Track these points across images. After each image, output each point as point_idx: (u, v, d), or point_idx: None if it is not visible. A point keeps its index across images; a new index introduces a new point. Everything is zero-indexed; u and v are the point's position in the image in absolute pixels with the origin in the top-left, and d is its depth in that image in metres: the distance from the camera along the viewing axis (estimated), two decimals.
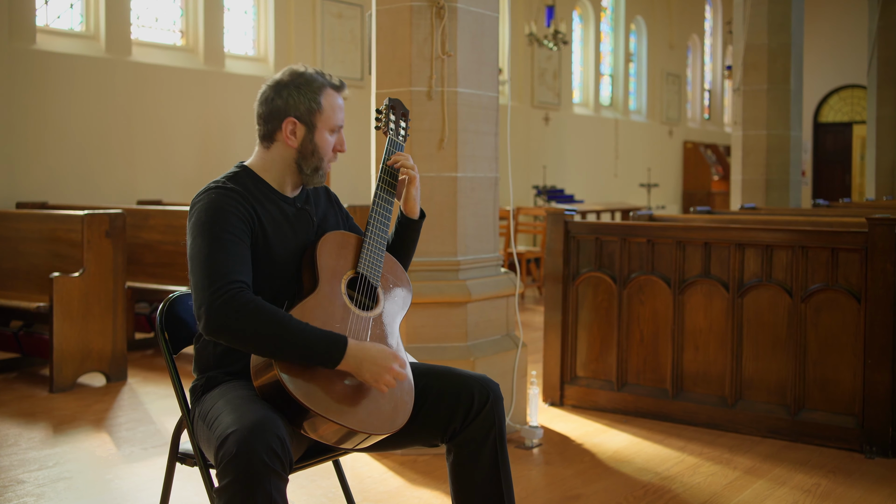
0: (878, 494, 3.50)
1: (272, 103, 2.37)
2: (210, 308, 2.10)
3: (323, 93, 2.37)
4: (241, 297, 2.10)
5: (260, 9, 10.12)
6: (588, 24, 15.80)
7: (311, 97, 2.35)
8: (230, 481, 1.94)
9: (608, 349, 4.67)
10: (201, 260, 2.16)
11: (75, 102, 8.08)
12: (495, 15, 4.26)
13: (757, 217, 5.66)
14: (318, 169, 2.39)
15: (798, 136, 8.94)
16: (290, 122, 2.36)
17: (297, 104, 2.35)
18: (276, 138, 2.39)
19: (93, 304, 5.15)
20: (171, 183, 8.88)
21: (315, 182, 2.41)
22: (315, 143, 2.37)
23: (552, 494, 3.48)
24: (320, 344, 2.11)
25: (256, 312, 2.09)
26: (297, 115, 2.35)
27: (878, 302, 3.96)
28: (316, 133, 2.37)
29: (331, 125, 2.38)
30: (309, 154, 2.37)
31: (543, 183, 13.80)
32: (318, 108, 2.36)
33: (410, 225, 2.57)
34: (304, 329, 2.12)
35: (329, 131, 2.38)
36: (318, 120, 2.36)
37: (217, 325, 2.10)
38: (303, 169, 2.39)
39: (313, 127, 2.36)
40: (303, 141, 2.37)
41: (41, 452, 3.93)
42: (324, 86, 2.38)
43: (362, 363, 2.15)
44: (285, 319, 2.11)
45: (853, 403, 4.04)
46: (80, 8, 8.41)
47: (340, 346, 2.13)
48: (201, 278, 2.14)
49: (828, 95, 20.04)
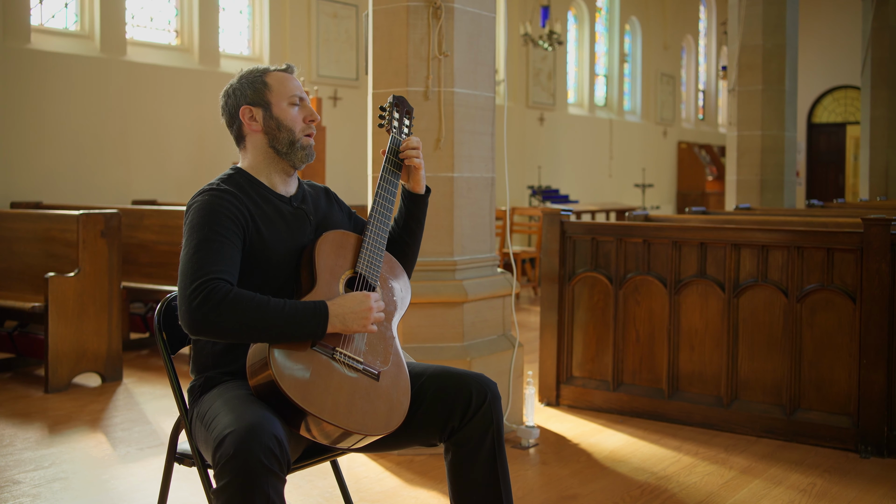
0: (873, 494, 3.51)
1: (227, 106, 2.44)
2: (188, 309, 2.11)
3: (266, 74, 2.42)
4: (218, 292, 2.11)
5: (255, 8, 10.11)
6: (583, 24, 15.82)
7: (255, 81, 2.41)
8: (228, 482, 1.94)
9: (604, 349, 4.68)
10: (184, 263, 2.18)
11: (70, 102, 8.06)
12: (492, 15, 4.26)
13: (752, 217, 5.67)
14: (293, 143, 2.39)
15: (793, 137, 8.96)
16: (245, 111, 2.40)
17: (244, 93, 2.40)
18: (243, 133, 2.43)
19: (88, 304, 5.14)
20: (165, 183, 8.87)
21: (299, 159, 2.41)
22: (276, 117, 2.39)
23: (549, 494, 3.48)
24: (303, 317, 2.14)
25: (234, 303, 2.11)
26: (248, 101, 2.40)
27: (874, 302, 3.98)
28: (273, 108, 2.39)
29: (286, 96, 2.40)
30: (275, 130, 2.39)
31: (538, 183, 13.81)
32: (265, 87, 2.40)
33: (418, 200, 2.55)
34: (283, 307, 2.14)
35: (288, 103, 2.40)
36: (269, 96, 2.39)
37: (198, 325, 2.11)
38: (278, 150, 2.40)
39: (268, 104, 2.39)
40: (264, 121, 2.39)
41: (37, 453, 3.92)
42: (266, 70, 2.44)
43: (346, 318, 2.19)
44: (263, 302, 2.13)
45: (848, 403, 4.06)
46: (74, 7, 8.39)
47: (323, 312, 2.17)
48: (181, 280, 2.16)
49: (821, 96, 20.09)
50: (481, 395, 2.33)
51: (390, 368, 2.28)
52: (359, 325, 2.21)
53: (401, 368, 2.31)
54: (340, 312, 2.19)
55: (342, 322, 2.18)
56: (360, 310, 2.21)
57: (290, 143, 2.39)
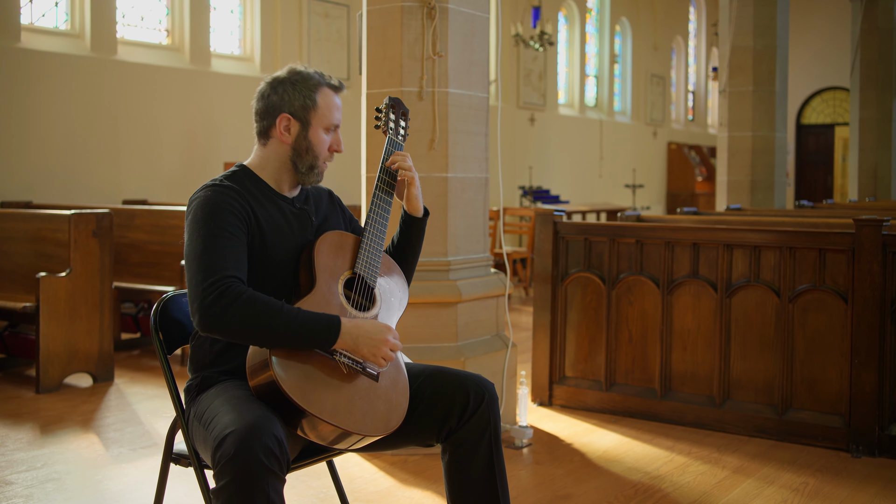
0: (864, 493, 3.53)
1: (268, 99, 2.37)
2: (203, 305, 2.10)
3: (319, 90, 2.37)
4: (233, 291, 2.10)
5: (246, 8, 10.09)
6: (573, 25, 15.85)
7: (307, 94, 2.35)
8: (228, 482, 1.94)
9: (597, 349, 4.69)
10: (195, 258, 2.16)
11: (60, 101, 8.03)
12: (486, 16, 4.26)
13: (744, 218, 5.70)
14: (313, 167, 2.38)
15: (783, 138, 9.00)
16: (284, 118, 2.36)
17: (291, 100, 2.35)
18: (271, 135, 2.39)
19: (79, 304, 5.12)
20: (156, 183, 8.84)
21: (311, 181, 2.41)
22: (309, 139, 2.36)
23: (543, 494, 3.49)
24: (315, 327, 2.13)
25: (248, 304, 2.10)
26: (291, 111, 2.35)
27: (865, 302, 4.00)
28: (310, 130, 2.36)
29: (326, 123, 2.37)
30: (303, 151, 2.37)
31: (529, 183, 13.83)
32: (313, 105, 2.36)
33: (415, 223, 2.55)
34: (297, 314, 2.13)
35: (324, 129, 2.38)
36: (312, 117, 2.36)
37: (211, 322, 2.10)
38: (298, 167, 2.38)
39: (308, 124, 2.36)
40: (297, 138, 2.37)
41: (29, 453, 3.90)
42: (320, 84, 2.38)
43: (358, 339, 2.18)
44: (277, 307, 2.12)
45: (840, 403, 4.08)
46: (65, 6, 8.35)
47: (335, 327, 2.15)
48: (194, 276, 2.15)
49: (810, 97, 20.19)
50: (478, 396, 2.33)
51: (389, 369, 2.28)
52: (369, 352, 2.20)
53: (399, 369, 2.31)
54: (354, 332, 2.18)
55: (353, 342, 2.18)
56: (375, 338, 2.20)
57: (311, 167, 2.38)
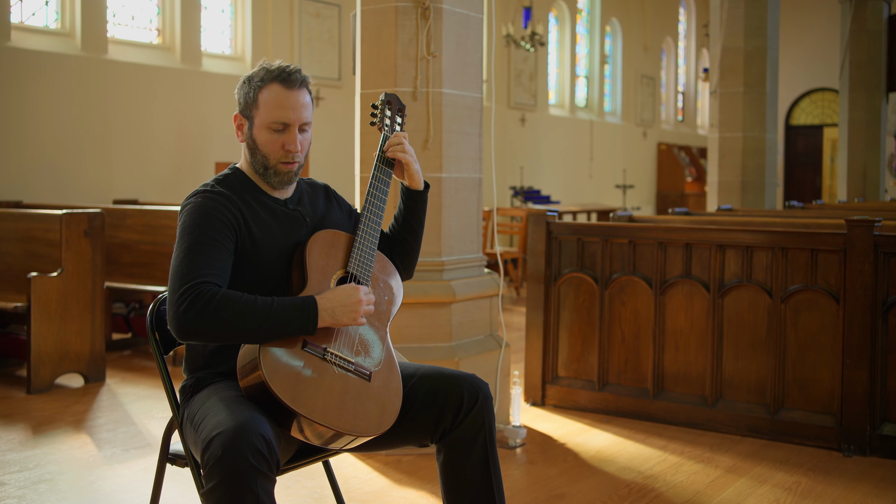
0: (856, 492, 3.55)
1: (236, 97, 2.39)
2: (177, 313, 2.09)
3: (265, 87, 2.29)
4: (205, 295, 2.09)
5: (237, 8, 10.07)
6: (564, 25, 15.88)
7: (250, 91, 2.32)
8: (216, 483, 1.93)
9: (589, 349, 4.70)
10: (174, 266, 2.16)
11: (50, 100, 7.99)
12: (479, 16, 4.27)
13: (735, 218, 5.72)
14: (266, 168, 2.32)
15: (773, 139, 9.03)
16: (237, 117, 2.36)
17: (241, 98, 2.34)
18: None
19: (71, 304, 5.10)
20: (147, 182, 8.81)
21: (276, 184, 2.35)
22: (254, 139, 2.32)
23: (536, 494, 3.50)
24: (292, 313, 2.12)
25: (220, 306, 2.08)
26: (240, 109, 2.35)
27: (857, 302, 4.02)
28: (254, 129, 2.32)
29: (266, 121, 2.29)
30: (254, 151, 2.33)
31: (520, 184, 13.85)
32: (254, 103, 2.31)
33: (419, 196, 2.52)
34: (271, 306, 2.12)
35: (267, 128, 2.30)
36: (255, 115, 2.31)
37: (187, 330, 2.09)
38: (256, 168, 2.35)
39: (252, 122, 2.32)
40: (247, 136, 2.35)
41: (21, 454, 3.89)
42: (266, 80, 2.30)
43: (335, 311, 2.17)
44: (250, 303, 2.10)
45: (832, 402, 4.10)
46: (55, 5, 8.32)
47: (312, 308, 2.15)
48: (170, 284, 2.15)
49: (799, 98, 20.28)
50: (473, 396, 2.32)
51: (382, 369, 2.27)
52: (349, 318, 2.18)
53: (393, 369, 2.30)
54: (329, 306, 2.17)
55: (332, 316, 2.16)
56: (349, 302, 2.19)
57: (265, 167, 2.33)
